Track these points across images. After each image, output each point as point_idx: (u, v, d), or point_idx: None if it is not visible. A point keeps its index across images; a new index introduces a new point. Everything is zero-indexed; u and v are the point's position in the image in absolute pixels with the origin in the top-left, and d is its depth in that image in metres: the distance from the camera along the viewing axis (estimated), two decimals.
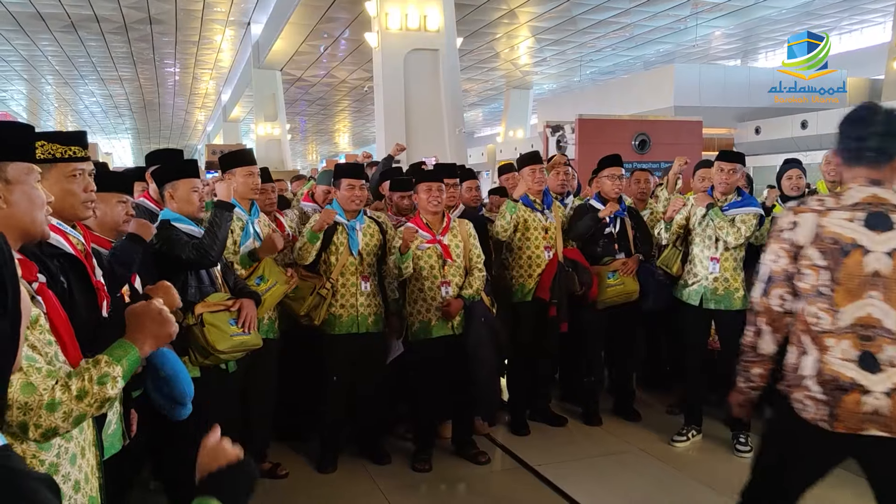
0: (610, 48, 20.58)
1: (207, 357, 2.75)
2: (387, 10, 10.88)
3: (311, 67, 20.82)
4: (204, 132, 35.50)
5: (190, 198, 2.93)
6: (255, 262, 3.50)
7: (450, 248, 3.82)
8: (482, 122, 34.58)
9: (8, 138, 1.51)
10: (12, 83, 23.21)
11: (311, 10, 15.09)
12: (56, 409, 1.39)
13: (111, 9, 15.58)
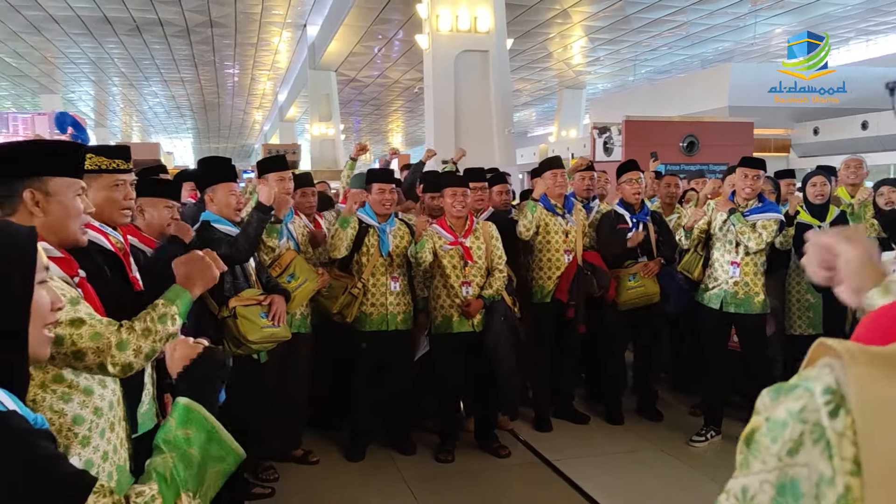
0: (665, 47, 20.25)
1: (240, 346, 3.00)
2: (437, 12, 10.99)
3: (364, 68, 21.10)
4: (261, 132, 36.29)
5: (228, 201, 3.17)
6: None
7: (471, 250, 3.97)
8: (535, 121, 34.41)
9: (56, 156, 1.75)
10: (81, 85, 24.19)
11: (365, 12, 15.33)
12: (126, 347, 1.65)
13: (174, 13, 16.10)
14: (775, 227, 4.10)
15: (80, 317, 1.63)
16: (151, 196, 2.76)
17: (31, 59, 20.01)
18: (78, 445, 1.71)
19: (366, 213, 4.01)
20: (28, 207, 1.69)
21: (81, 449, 1.71)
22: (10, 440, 0.96)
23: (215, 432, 1.29)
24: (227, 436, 1.30)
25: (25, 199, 1.68)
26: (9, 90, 25.07)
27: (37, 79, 22.66)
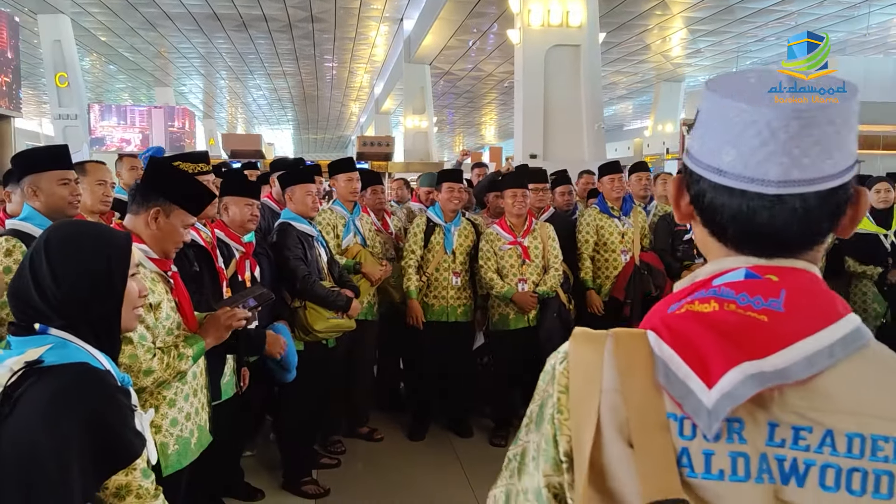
0: (773, 37, 19.39)
1: (308, 334, 3.36)
2: (529, 7, 11.00)
3: (458, 61, 21.26)
4: (357, 123, 37.16)
5: (305, 200, 3.48)
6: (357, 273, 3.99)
7: (529, 249, 4.14)
8: (632, 114, 33.67)
9: (190, 193, 2.25)
10: (191, 78, 25.52)
11: (460, 6, 15.46)
12: (149, 375, 2.05)
13: (277, 8, 16.75)
14: None
15: (129, 336, 1.98)
16: (234, 195, 3.08)
17: (147, 53, 21.27)
18: (165, 406, 2.17)
19: (434, 212, 4.24)
20: (147, 218, 2.17)
21: (168, 409, 2.18)
22: (103, 391, 1.34)
23: None
24: None
25: (150, 212, 2.17)
26: (125, 83, 26.74)
27: (151, 72, 24.07)
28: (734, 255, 0.79)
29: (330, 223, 4.03)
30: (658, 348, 0.73)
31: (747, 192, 0.74)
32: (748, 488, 0.69)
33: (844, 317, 0.73)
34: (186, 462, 2.22)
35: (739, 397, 0.68)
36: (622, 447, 0.71)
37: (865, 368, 0.72)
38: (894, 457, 0.68)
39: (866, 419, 0.69)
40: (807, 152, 0.72)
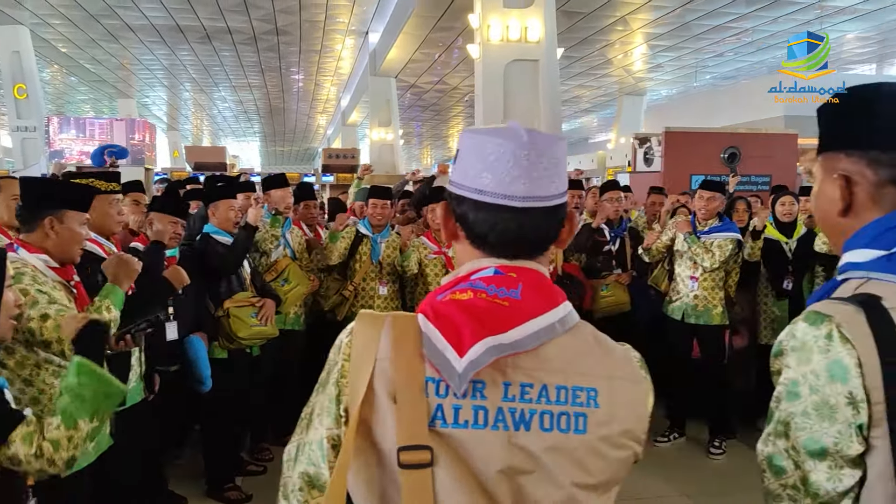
0: (731, 52, 19.87)
1: (231, 342, 3.51)
2: (488, 22, 11.16)
3: (424, 74, 21.43)
4: (324, 135, 37.15)
5: (227, 215, 3.65)
6: None
7: (453, 260, 4.25)
8: (596, 127, 34.15)
9: (72, 195, 2.37)
10: (155, 90, 25.33)
11: (424, 21, 15.63)
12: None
13: (242, 21, 16.75)
14: (731, 246, 4.41)
15: (48, 313, 2.11)
16: (160, 212, 3.31)
17: (109, 65, 21.08)
18: None
19: (363, 225, 4.40)
20: (45, 230, 2.27)
21: None
22: None
23: (102, 377, 1.74)
24: (110, 378, 1.76)
25: (45, 224, 2.28)
26: (87, 94, 26.44)
27: (114, 84, 23.84)
28: (487, 257, 0.99)
29: (268, 234, 4.17)
30: (425, 326, 0.93)
31: (502, 206, 0.95)
32: (486, 434, 0.90)
33: (561, 304, 0.98)
34: (84, 463, 2.29)
35: (482, 363, 0.89)
36: (388, 403, 0.89)
37: (574, 340, 0.97)
38: (587, 402, 0.93)
39: (569, 376, 0.94)
40: (541, 176, 0.95)
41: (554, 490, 0.91)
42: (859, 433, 0.98)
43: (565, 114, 29.51)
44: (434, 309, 0.94)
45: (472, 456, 0.89)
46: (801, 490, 1.02)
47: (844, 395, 0.97)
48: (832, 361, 0.98)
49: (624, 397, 0.97)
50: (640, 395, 1.00)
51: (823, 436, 0.99)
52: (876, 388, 0.96)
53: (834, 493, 0.99)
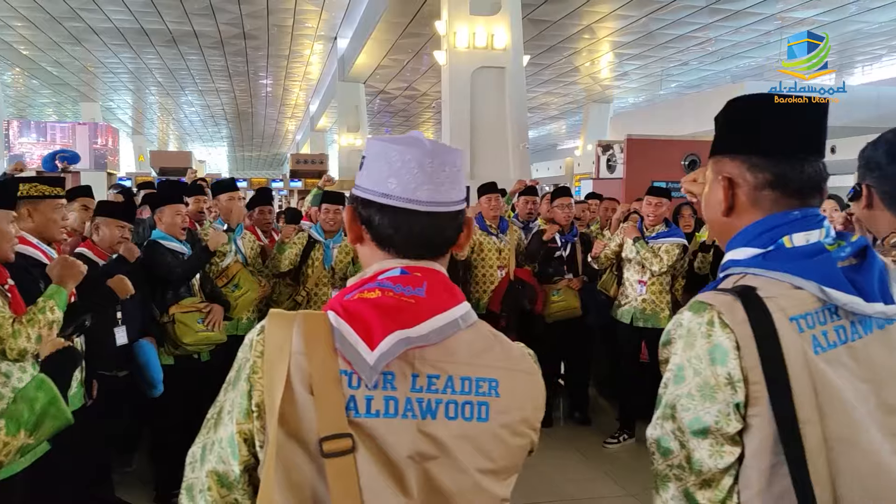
0: (695, 62, 20.23)
1: (177, 348, 3.46)
2: (455, 29, 11.23)
3: (393, 80, 21.46)
4: (293, 141, 36.96)
5: (174, 220, 3.59)
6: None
7: (359, 263, 4.30)
8: (565, 134, 34.47)
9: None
10: (119, 94, 24.99)
11: (392, 26, 15.66)
12: (19, 335, 2.16)
13: (209, 25, 16.61)
14: (677, 251, 4.52)
15: None
16: (106, 216, 3.26)
17: (72, 68, 20.76)
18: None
19: (315, 230, 4.40)
20: None
21: None
22: None
23: (57, 399, 1.77)
24: (64, 406, 1.81)
25: None
26: (50, 98, 26.00)
27: (77, 87, 23.48)
28: (393, 258, 1.05)
29: None
30: (336, 323, 0.97)
31: (408, 210, 1.01)
32: (397, 422, 0.95)
33: (462, 302, 1.05)
34: (19, 468, 2.27)
35: (392, 354, 0.95)
36: (306, 396, 0.94)
37: (475, 336, 1.04)
38: (489, 392, 1.00)
39: (473, 367, 1.00)
40: (443, 183, 1.02)
41: (459, 475, 0.96)
42: (737, 412, 1.06)
43: (534, 121, 29.75)
44: (343, 306, 0.99)
45: (385, 443, 0.94)
46: (686, 468, 1.09)
47: (724, 376, 1.06)
48: (713, 346, 1.07)
49: (522, 388, 1.04)
50: (536, 386, 1.08)
51: (705, 415, 1.07)
52: (752, 368, 1.05)
53: (716, 470, 1.06)
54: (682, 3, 14.37)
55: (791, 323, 1.05)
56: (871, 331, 1.11)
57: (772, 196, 1.15)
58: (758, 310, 1.06)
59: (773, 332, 1.04)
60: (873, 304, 1.07)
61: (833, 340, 1.07)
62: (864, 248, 1.14)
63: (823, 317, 1.08)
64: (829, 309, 1.08)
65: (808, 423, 1.03)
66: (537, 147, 38.42)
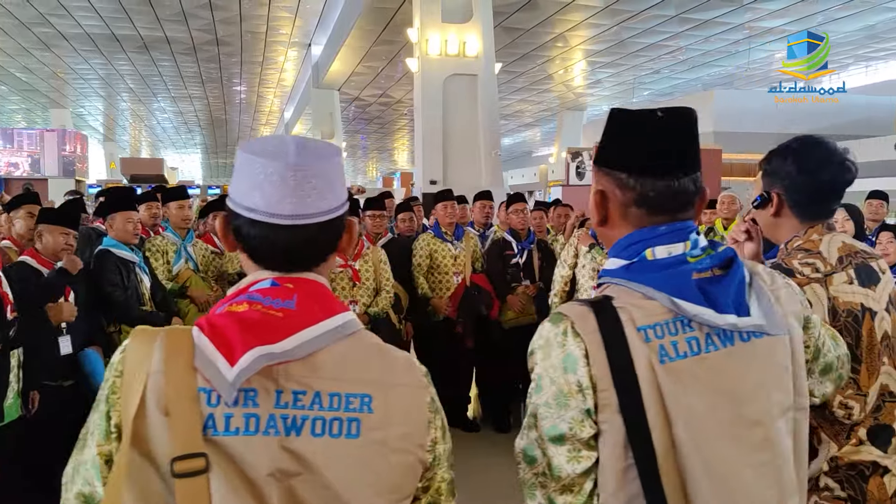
0: (667, 70, 20.51)
1: None
2: (427, 37, 11.28)
3: (367, 87, 21.47)
4: None
5: (126, 227, 3.52)
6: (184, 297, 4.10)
7: (359, 272, 4.28)
8: (540, 141, 34.72)
9: None
10: (90, 100, 24.73)
11: (366, 34, 15.68)
12: None
13: (181, 31, 16.52)
14: None
15: None
16: (50, 223, 3.17)
17: (41, 74, 20.51)
18: None
19: None
20: None
21: None
22: None
23: None
24: None
25: None
26: (19, 104, 25.65)
27: (47, 94, 23.19)
28: (265, 270, 1.03)
29: (160, 249, 4.13)
30: (198, 339, 0.96)
31: (271, 224, 0.99)
32: (257, 440, 0.93)
33: (340, 314, 1.03)
34: None
35: (251, 371, 0.92)
36: (159, 417, 0.92)
37: (349, 349, 1.01)
38: (360, 408, 0.98)
39: (343, 383, 0.98)
40: (309, 195, 1.00)
41: (324, 491, 0.95)
42: (589, 417, 1.09)
43: (509, 128, 29.91)
44: (209, 321, 0.98)
45: (243, 461, 0.92)
46: (547, 475, 1.11)
47: (574, 383, 1.09)
48: (566, 355, 1.10)
49: (401, 403, 1.02)
50: (419, 401, 1.05)
51: (560, 422, 1.10)
52: (601, 376, 1.08)
53: (574, 475, 1.09)
54: (653, 12, 14.58)
55: (639, 332, 1.08)
56: (732, 343, 1.12)
57: (639, 213, 1.16)
58: (609, 319, 1.09)
59: (623, 340, 1.07)
60: (725, 315, 1.09)
61: (683, 351, 1.09)
62: (729, 259, 1.15)
63: (675, 327, 1.09)
64: (682, 320, 1.09)
65: (655, 428, 1.05)
66: (512, 154, 38.60)
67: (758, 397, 1.12)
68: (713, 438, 1.08)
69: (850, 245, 1.66)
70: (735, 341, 1.12)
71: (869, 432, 1.57)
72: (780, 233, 1.69)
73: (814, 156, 1.61)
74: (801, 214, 1.64)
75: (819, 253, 1.61)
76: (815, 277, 1.57)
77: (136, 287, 3.51)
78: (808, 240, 1.64)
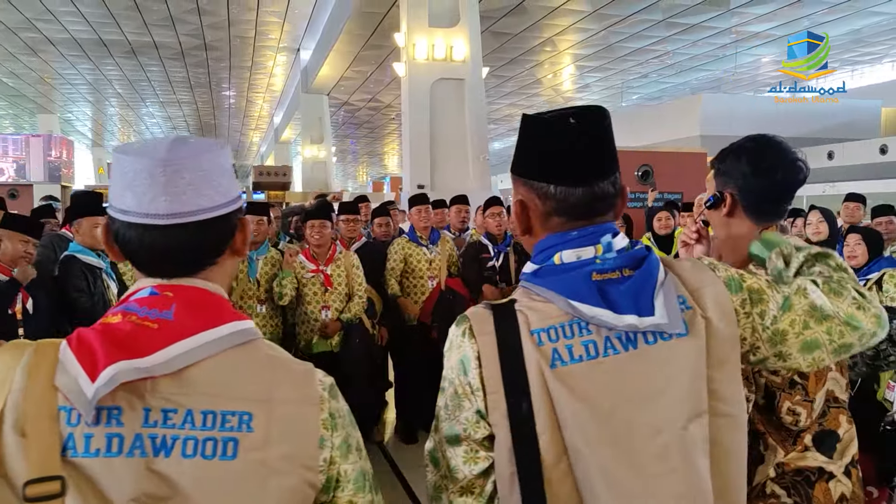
0: (655, 74, 20.59)
1: None
2: (414, 41, 11.28)
3: (356, 92, 21.45)
4: (258, 153, 36.71)
5: (93, 233, 3.47)
6: None
7: (332, 277, 4.28)
8: None
9: None
10: (78, 105, 24.61)
11: (354, 38, 15.66)
12: None
13: (169, 36, 16.47)
14: None
15: None
16: (9, 229, 3.15)
17: (28, 79, 20.41)
18: None
19: None
20: None
21: None
22: None
23: None
24: None
25: None
26: (6, 110, 25.51)
27: (34, 99, 23.08)
28: (146, 277, 0.98)
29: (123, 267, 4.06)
30: (63, 353, 0.90)
31: (146, 225, 0.93)
32: (119, 462, 0.87)
33: (229, 323, 0.95)
34: None
35: (111, 386, 0.86)
36: (16, 438, 0.86)
37: (233, 360, 0.94)
38: (238, 426, 0.91)
39: (220, 399, 0.91)
40: (184, 191, 0.93)
41: None
42: (481, 418, 1.08)
43: (499, 132, 29.96)
44: (79, 334, 0.92)
45: (104, 485, 0.86)
46: (448, 477, 1.11)
47: (467, 385, 1.09)
48: (462, 356, 1.10)
49: (286, 421, 0.95)
50: (309, 418, 0.97)
51: (456, 423, 1.10)
52: (491, 378, 1.06)
53: (472, 476, 1.09)
54: (640, 16, 14.64)
55: (532, 336, 1.06)
56: (634, 347, 1.07)
57: (558, 221, 1.14)
58: (506, 322, 1.08)
59: (518, 343, 1.06)
60: (623, 316, 1.05)
61: (579, 355, 1.05)
62: (641, 259, 1.12)
63: (571, 330, 1.06)
64: (579, 323, 1.06)
65: (544, 434, 1.03)
66: (502, 159, 38.61)
67: (660, 403, 1.07)
68: (610, 445, 1.04)
69: None
70: (639, 344, 1.08)
71: (814, 438, 1.55)
72: (733, 234, 1.65)
73: (768, 155, 1.58)
74: (754, 215, 1.61)
75: None
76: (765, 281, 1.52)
77: (103, 293, 3.47)
78: None
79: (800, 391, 1.54)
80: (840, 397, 1.62)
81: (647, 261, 1.11)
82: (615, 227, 1.16)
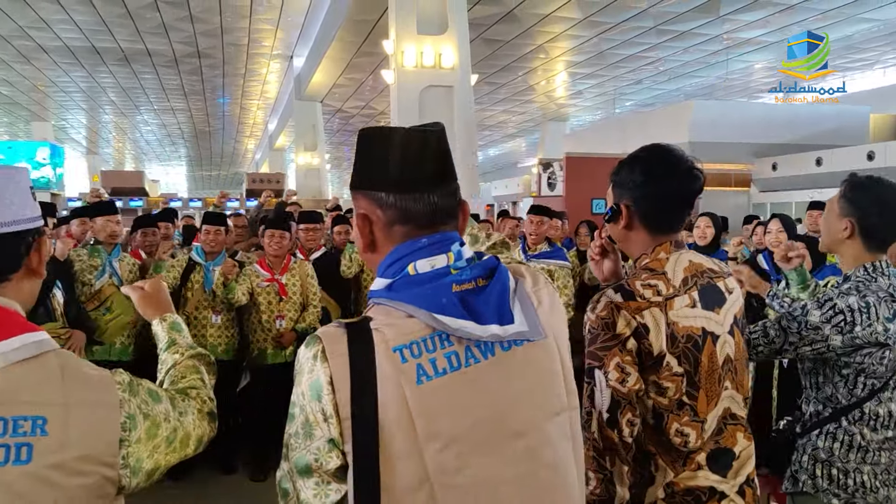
0: (648, 80, 20.63)
1: None
2: (402, 48, 11.31)
3: (350, 99, 21.48)
4: (253, 160, 36.71)
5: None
6: None
7: (286, 287, 4.24)
8: (524, 152, 34.79)
9: None
10: (72, 113, 24.61)
11: (347, 45, 15.69)
12: None
13: (162, 43, 16.48)
14: (570, 281, 4.47)
15: None
16: None
17: (22, 87, 20.42)
18: None
19: (196, 252, 4.33)
20: None
21: None
22: None
23: None
24: None
25: None
26: (0, 118, 25.49)
27: (28, 107, 23.08)
28: None
29: (86, 264, 4.08)
30: None
31: None
32: None
33: (20, 336, 1.00)
34: None
35: None
36: None
37: (24, 370, 0.98)
38: (31, 431, 0.94)
39: (11, 406, 0.95)
40: None
41: None
42: (336, 448, 1.01)
43: (493, 138, 30.00)
44: None
45: None
46: None
47: (319, 412, 1.01)
48: (314, 381, 1.02)
49: (84, 423, 0.99)
50: (108, 419, 1.03)
51: (307, 453, 1.03)
52: (344, 404, 1.00)
53: None
54: (631, 24, 14.69)
55: (394, 354, 1.01)
56: (493, 354, 1.06)
57: (403, 230, 1.11)
58: (361, 342, 1.02)
59: (371, 365, 1.00)
60: (487, 326, 1.04)
61: (442, 368, 1.02)
62: (492, 269, 1.11)
63: (433, 344, 1.03)
64: (440, 335, 1.03)
65: (402, 458, 0.99)
66: (497, 165, 38.70)
67: (520, 406, 1.07)
68: (478, 456, 1.03)
69: (697, 264, 1.58)
70: (496, 351, 1.07)
71: (708, 457, 1.52)
72: (633, 247, 1.63)
73: (661, 164, 1.56)
74: (650, 227, 1.58)
75: (664, 273, 1.53)
76: (655, 301, 1.48)
77: (47, 302, 3.49)
78: (655, 258, 1.57)
79: (688, 412, 1.50)
80: (738, 414, 1.59)
81: (499, 270, 1.11)
82: (460, 237, 1.15)
